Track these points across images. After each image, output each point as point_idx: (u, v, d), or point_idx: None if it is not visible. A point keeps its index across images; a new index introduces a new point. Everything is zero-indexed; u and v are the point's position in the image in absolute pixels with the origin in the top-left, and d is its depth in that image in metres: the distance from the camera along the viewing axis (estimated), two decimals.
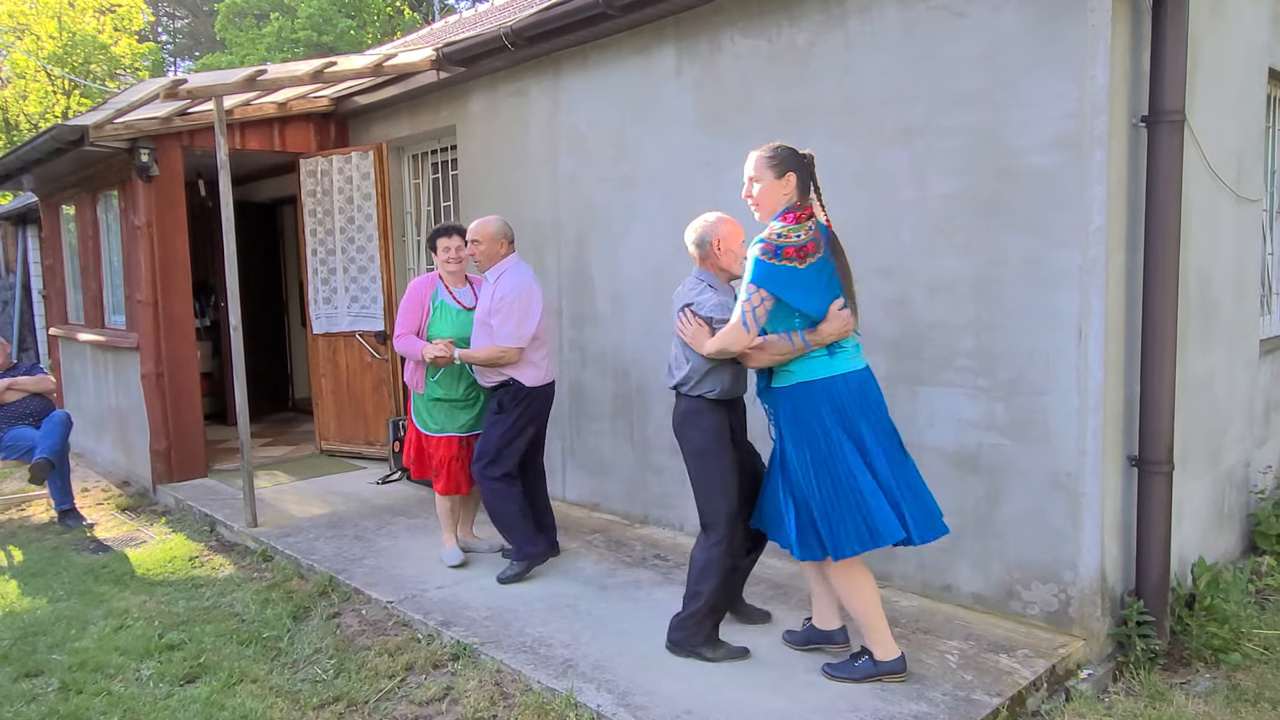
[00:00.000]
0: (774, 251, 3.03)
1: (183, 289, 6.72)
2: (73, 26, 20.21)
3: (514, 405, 4.35)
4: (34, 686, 3.71)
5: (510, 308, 4.26)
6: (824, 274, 3.07)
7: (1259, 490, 4.76)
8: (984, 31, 3.62)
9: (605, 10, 4.65)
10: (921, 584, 4.00)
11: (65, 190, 8.30)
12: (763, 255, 3.04)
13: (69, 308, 8.90)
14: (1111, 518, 3.55)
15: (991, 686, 3.19)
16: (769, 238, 3.06)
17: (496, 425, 4.38)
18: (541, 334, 4.38)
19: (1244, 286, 4.50)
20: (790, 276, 3.03)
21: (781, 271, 3.02)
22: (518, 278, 4.33)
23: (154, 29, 29.87)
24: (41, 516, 6.50)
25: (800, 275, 3.03)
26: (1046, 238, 3.51)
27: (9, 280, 13.72)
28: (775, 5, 4.31)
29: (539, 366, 4.38)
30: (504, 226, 4.44)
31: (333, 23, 21.21)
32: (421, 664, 3.66)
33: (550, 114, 5.56)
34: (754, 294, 3.05)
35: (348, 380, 7.19)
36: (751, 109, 4.45)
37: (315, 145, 7.22)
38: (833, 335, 3.09)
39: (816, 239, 3.07)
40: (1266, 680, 3.48)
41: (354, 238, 7.00)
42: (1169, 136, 3.46)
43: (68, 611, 4.49)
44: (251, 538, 5.35)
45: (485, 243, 4.40)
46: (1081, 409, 3.47)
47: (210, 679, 3.66)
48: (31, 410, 6.23)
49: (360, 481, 6.54)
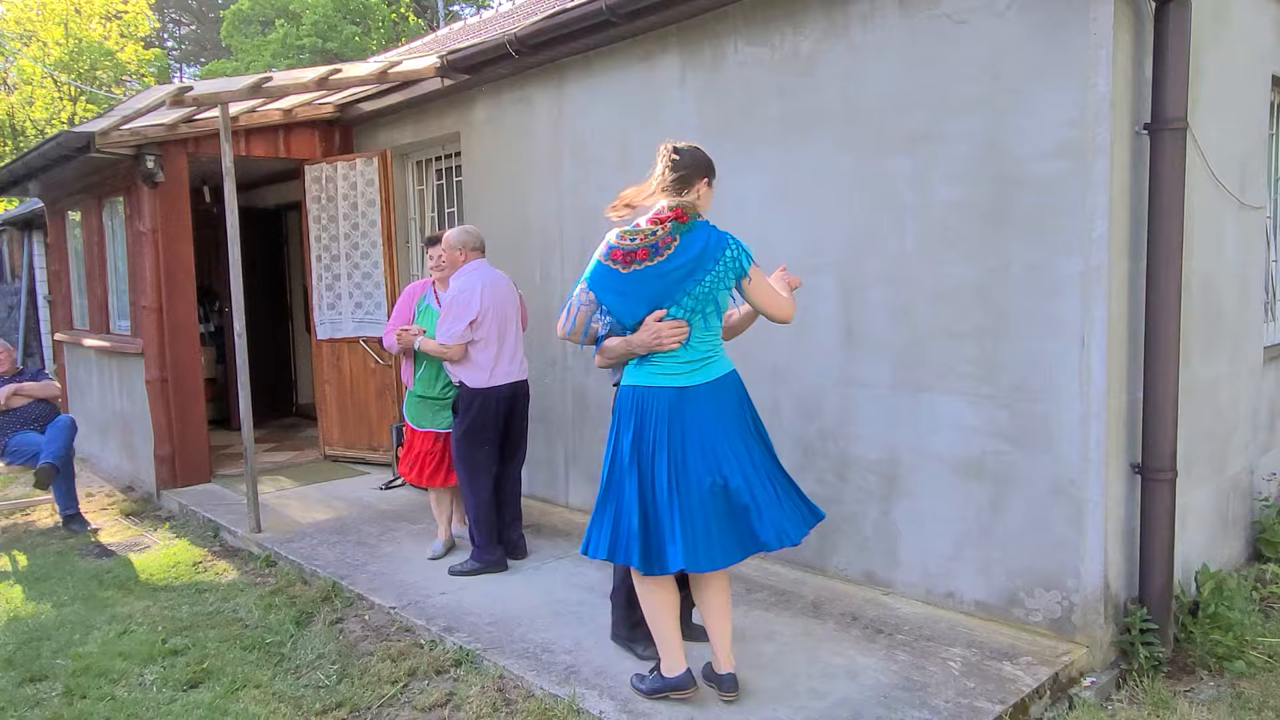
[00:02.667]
0: (606, 251, 3.04)
1: (187, 295, 6.74)
2: (79, 33, 20.29)
3: (464, 407, 4.58)
4: (38, 691, 3.72)
5: (449, 308, 4.53)
6: (650, 282, 2.96)
7: (1263, 497, 4.75)
8: (986, 39, 3.63)
9: (609, 18, 4.66)
10: (924, 591, 4.00)
11: (71, 196, 8.33)
12: (598, 253, 3.06)
13: (74, 313, 8.93)
14: (1115, 525, 3.54)
15: (995, 694, 3.18)
16: (611, 237, 3.05)
17: (454, 428, 4.65)
18: (490, 337, 4.53)
19: (1248, 293, 4.50)
20: (607, 278, 3.02)
21: (602, 271, 3.04)
22: (467, 281, 4.55)
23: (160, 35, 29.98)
24: (46, 521, 6.51)
25: (618, 279, 2.99)
26: (1049, 245, 3.51)
27: (15, 286, 13.77)
28: (778, 13, 4.33)
29: (483, 369, 4.54)
30: (464, 236, 4.66)
31: (338, 29, 21.29)
32: (424, 670, 3.66)
33: (554, 121, 5.58)
34: (582, 294, 3.09)
35: (351, 386, 7.20)
36: (755, 116, 4.46)
37: (320, 152, 7.25)
38: (643, 346, 3.00)
39: (657, 245, 2.96)
40: (1271, 688, 3.47)
41: (358, 244, 7.02)
42: (1171, 144, 3.47)
43: (72, 616, 4.49)
44: (255, 543, 5.36)
45: (446, 251, 4.72)
46: (1084, 416, 3.47)
47: (213, 684, 3.66)
48: (36, 415, 6.25)
49: (364, 487, 6.55)
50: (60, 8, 20.07)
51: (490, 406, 4.56)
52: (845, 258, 4.15)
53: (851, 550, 4.25)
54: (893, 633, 3.71)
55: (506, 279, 4.71)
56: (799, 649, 3.58)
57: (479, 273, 4.58)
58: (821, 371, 4.31)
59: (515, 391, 4.65)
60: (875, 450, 4.12)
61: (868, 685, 3.28)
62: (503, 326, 4.56)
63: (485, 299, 4.49)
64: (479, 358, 4.53)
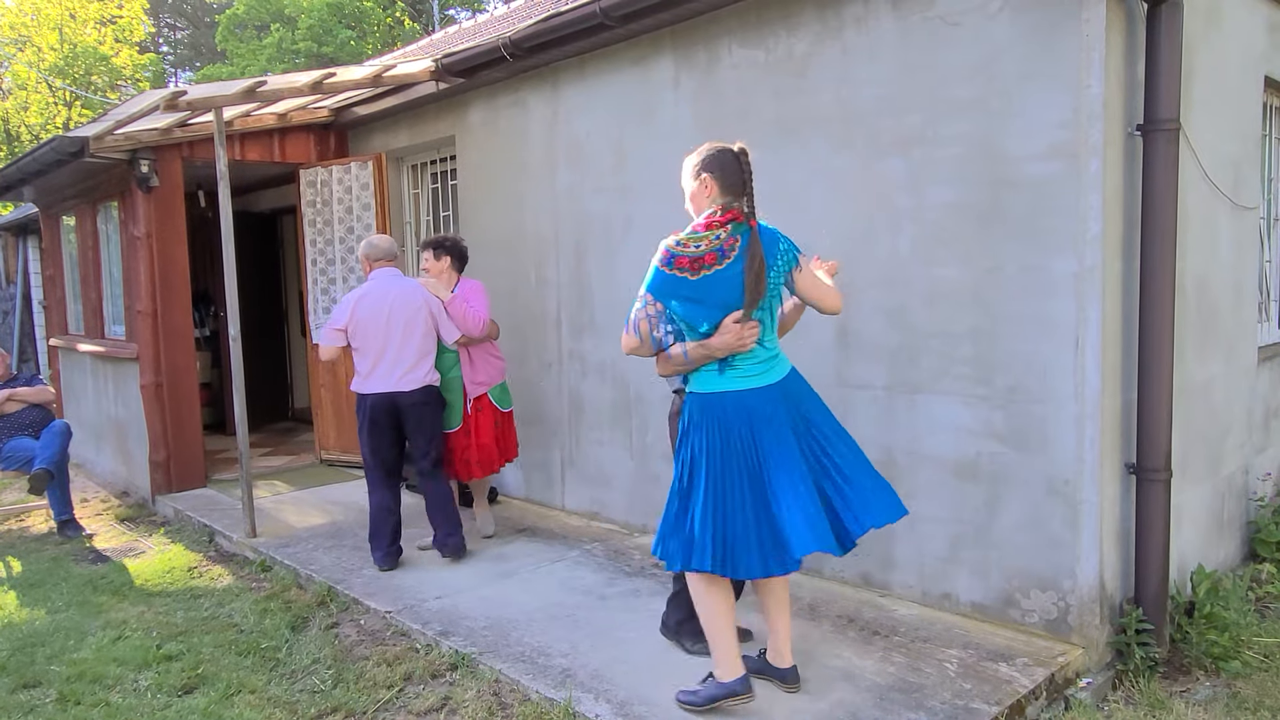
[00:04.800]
0: (668, 260, 2.98)
1: (182, 299, 6.73)
2: (74, 38, 20.28)
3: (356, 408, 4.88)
4: (32, 697, 3.70)
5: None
6: (720, 286, 2.94)
7: (1258, 497, 4.75)
8: (979, 41, 3.64)
9: (603, 21, 4.67)
10: (921, 592, 4.00)
11: (66, 201, 8.32)
12: (659, 264, 3.00)
13: (69, 318, 8.92)
14: (1110, 525, 3.55)
15: (991, 695, 3.18)
16: (669, 245, 3.01)
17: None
18: (365, 348, 4.70)
19: (1242, 294, 4.51)
20: (676, 286, 2.96)
21: (670, 280, 2.97)
22: (354, 290, 4.82)
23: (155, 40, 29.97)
24: (40, 527, 6.50)
25: (690, 286, 2.94)
26: (1043, 246, 3.52)
27: (9, 291, 13.74)
28: (773, 15, 4.33)
29: (360, 375, 4.77)
30: (367, 248, 4.90)
31: (333, 34, 21.30)
32: (420, 674, 3.65)
33: (549, 124, 5.58)
34: (650, 304, 3.01)
35: (347, 390, 7.18)
36: (749, 119, 4.47)
37: (315, 156, 7.24)
38: (724, 349, 2.96)
39: (722, 248, 2.95)
40: (1267, 688, 3.47)
41: (354, 247, 7.01)
42: (1164, 145, 3.47)
43: (66, 622, 4.48)
44: (250, 548, 5.35)
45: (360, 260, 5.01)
46: (1079, 417, 3.47)
47: (208, 689, 3.65)
48: (31, 421, 6.24)
49: (360, 491, 6.48)
50: (55, 13, 20.06)
51: (366, 412, 4.72)
52: (840, 259, 4.13)
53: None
54: (889, 634, 3.70)
55: (410, 290, 4.76)
56: (796, 651, 3.57)
57: (373, 283, 4.79)
58: (816, 373, 4.29)
59: (395, 402, 4.69)
60: (871, 452, 4.08)
61: (864, 687, 3.28)
62: (385, 338, 4.65)
63: (361, 310, 4.67)
64: (357, 364, 4.78)
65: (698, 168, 3.10)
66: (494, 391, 5.08)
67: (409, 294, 4.74)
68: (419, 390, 4.72)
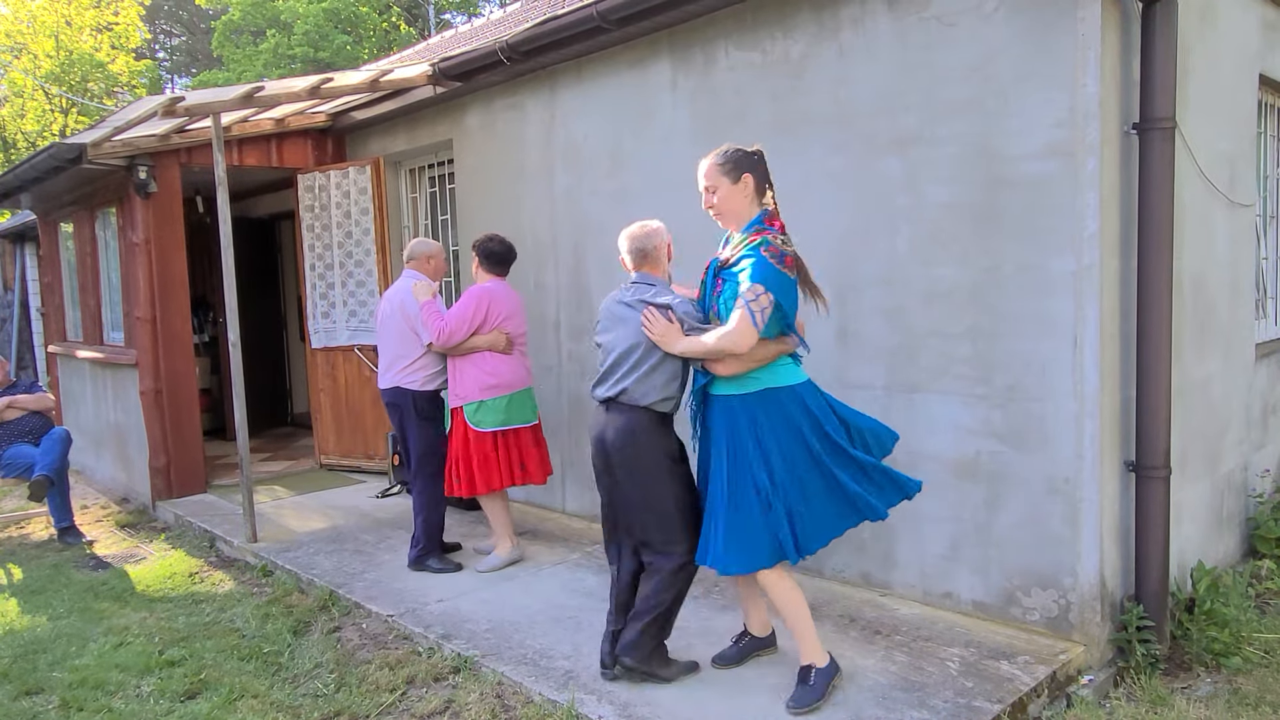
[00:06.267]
0: (779, 258, 3.04)
1: (181, 305, 6.73)
2: (70, 45, 20.29)
3: None
4: (34, 704, 3.70)
5: None
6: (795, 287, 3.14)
7: (1258, 494, 4.76)
8: (975, 41, 3.65)
9: (600, 24, 4.68)
10: (922, 592, 4.01)
11: (63, 208, 8.32)
12: (771, 259, 3.02)
13: (67, 325, 8.91)
14: (1110, 523, 3.56)
15: (993, 693, 3.19)
16: (774, 243, 3.05)
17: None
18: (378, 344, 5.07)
19: (1239, 291, 4.52)
20: (788, 285, 3.06)
21: (784, 279, 3.05)
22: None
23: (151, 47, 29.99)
24: (41, 534, 6.49)
25: (791, 285, 3.08)
26: (1041, 245, 3.53)
27: (7, 298, 13.73)
28: (769, 17, 4.35)
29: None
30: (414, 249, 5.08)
31: (329, 39, 21.30)
32: (422, 677, 3.65)
33: (546, 127, 5.59)
34: (761, 295, 2.99)
35: (347, 394, 7.19)
36: (747, 120, 4.48)
37: (313, 160, 7.25)
38: (791, 346, 3.17)
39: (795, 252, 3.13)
40: (1268, 684, 3.48)
41: (352, 252, 7.02)
42: (1160, 143, 3.49)
43: (68, 629, 4.48)
44: (251, 553, 5.35)
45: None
46: (1078, 415, 3.48)
47: (211, 695, 3.66)
48: (30, 428, 6.24)
49: (360, 495, 6.54)
50: (51, 20, 20.07)
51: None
52: (838, 260, 4.16)
53: (849, 552, 4.25)
54: (891, 634, 3.71)
55: (394, 292, 4.92)
56: (797, 651, 3.57)
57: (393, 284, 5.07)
58: (816, 373, 4.28)
59: (389, 400, 4.91)
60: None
61: (866, 686, 3.28)
62: (379, 337, 4.98)
63: (378, 310, 5.04)
64: None
65: (736, 169, 3.15)
66: (469, 408, 4.64)
67: (392, 295, 4.91)
68: (389, 390, 4.88)
